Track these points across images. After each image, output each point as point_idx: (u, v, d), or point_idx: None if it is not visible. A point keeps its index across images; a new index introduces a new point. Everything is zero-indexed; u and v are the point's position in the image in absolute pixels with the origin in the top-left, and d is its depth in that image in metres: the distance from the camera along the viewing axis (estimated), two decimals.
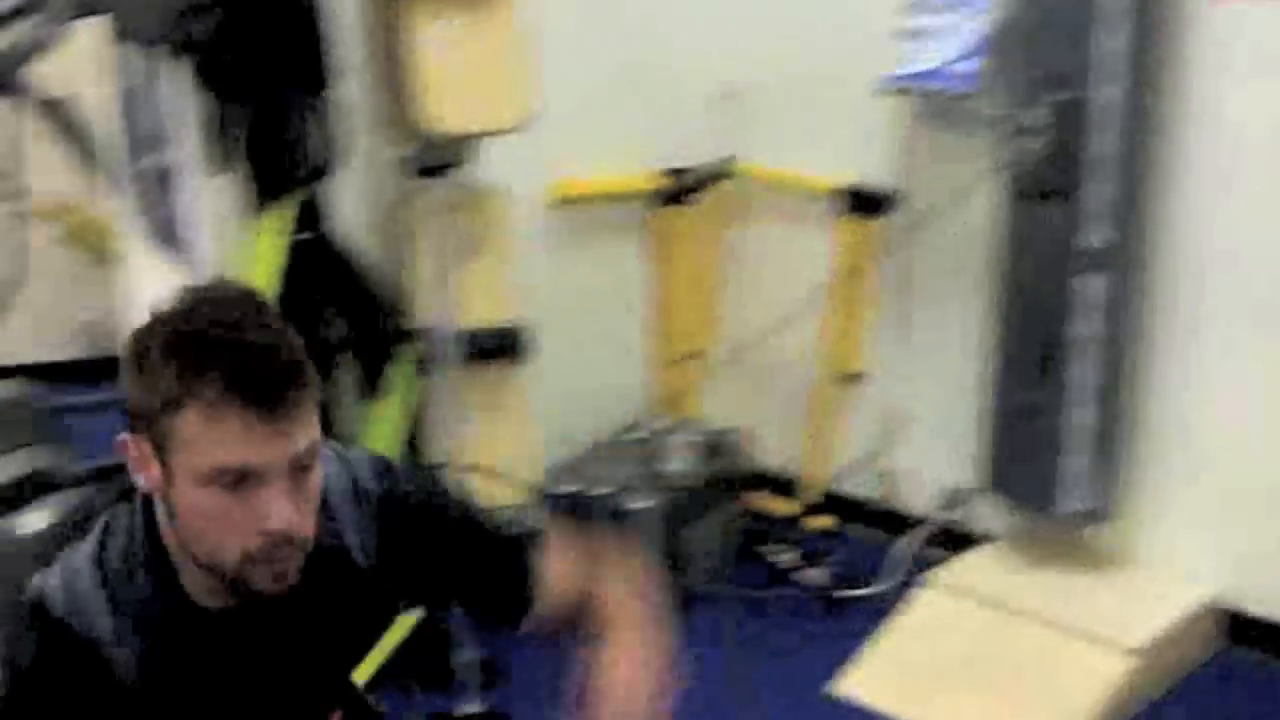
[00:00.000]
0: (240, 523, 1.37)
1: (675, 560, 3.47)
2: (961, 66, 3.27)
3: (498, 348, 3.31)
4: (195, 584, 1.46)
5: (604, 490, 3.46)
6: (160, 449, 1.38)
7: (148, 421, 1.38)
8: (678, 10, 3.86)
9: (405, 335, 3.15)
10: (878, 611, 3.34)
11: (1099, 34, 3.01)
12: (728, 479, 3.74)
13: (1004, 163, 3.26)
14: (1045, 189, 3.15)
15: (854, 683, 3.11)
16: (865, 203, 3.69)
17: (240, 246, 2.94)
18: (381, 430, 3.10)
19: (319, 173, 3.01)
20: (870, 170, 3.66)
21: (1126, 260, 3.13)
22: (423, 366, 3.13)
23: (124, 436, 1.43)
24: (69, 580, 1.43)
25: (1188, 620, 3.19)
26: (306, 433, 1.39)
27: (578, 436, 3.78)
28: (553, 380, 3.59)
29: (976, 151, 3.34)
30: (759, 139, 3.93)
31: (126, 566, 1.44)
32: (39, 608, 1.42)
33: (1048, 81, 3.10)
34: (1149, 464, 3.34)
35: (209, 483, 1.36)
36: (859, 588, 3.53)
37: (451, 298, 2.81)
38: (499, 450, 3.36)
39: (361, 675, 2.84)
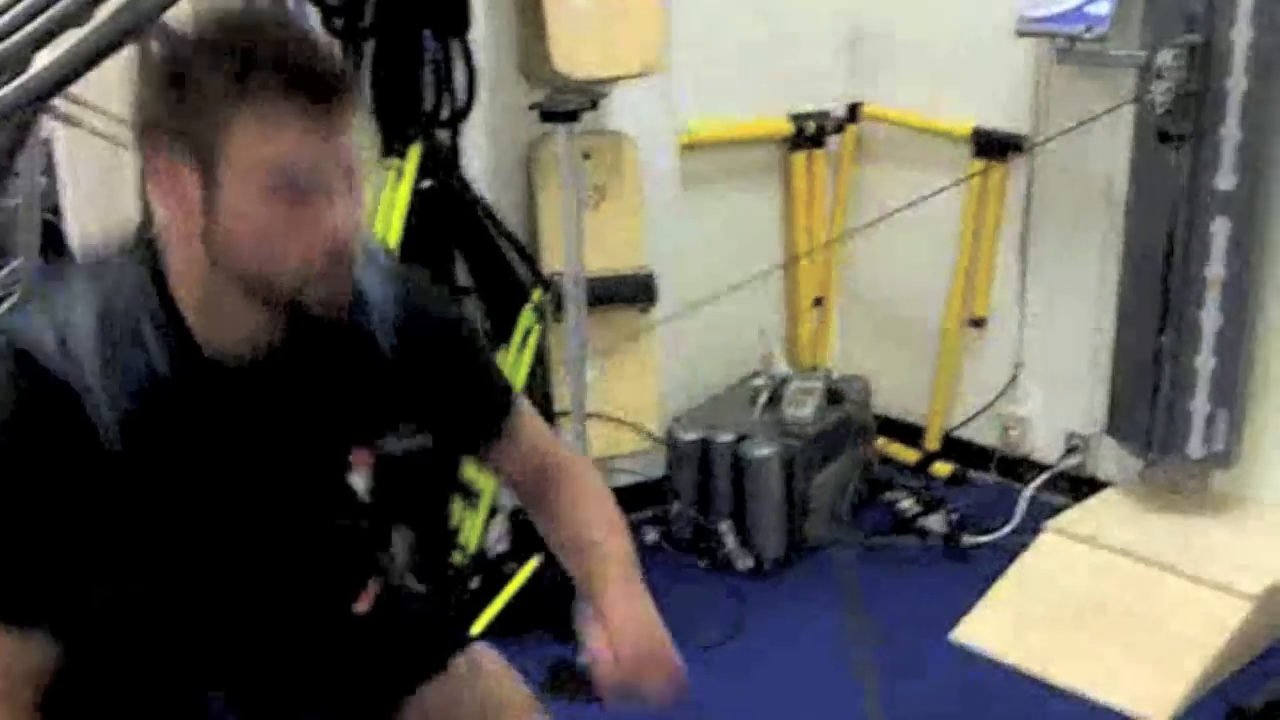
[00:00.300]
0: (300, 235, 1.32)
1: (799, 507, 3.51)
2: (1094, 8, 3.23)
3: (626, 294, 3.37)
4: (209, 336, 1.38)
5: (727, 437, 3.50)
6: (206, 166, 1.30)
7: (188, 141, 1.30)
8: None
9: (533, 281, 3.23)
10: (1000, 558, 3.34)
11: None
12: (852, 426, 3.75)
13: (1135, 105, 3.23)
14: (1175, 132, 3.11)
15: (976, 629, 3.12)
16: (995, 146, 3.69)
17: (369, 193, 3.03)
18: (509, 376, 3.18)
19: (450, 118, 3.09)
20: (1000, 113, 3.65)
21: (1253, 204, 3.09)
22: (550, 312, 3.21)
23: (150, 163, 1.34)
24: (63, 331, 1.32)
25: None
26: (357, 139, 1.36)
27: (705, 383, 3.83)
28: (681, 327, 3.65)
29: (1107, 94, 3.30)
30: (889, 83, 3.94)
31: (131, 323, 1.35)
32: (25, 355, 1.32)
33: (1179, 23, 3.06)
34: (1271, 409, 3.30)
35: (267, 194, 1.30)
36: (982, 534, 3.55)
37: (580, 244, 2.86)
38: (625, 397, 3.42)
39: (482, 621, 2.96)
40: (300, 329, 1.42)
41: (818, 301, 4.10)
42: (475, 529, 3.16)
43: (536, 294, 3.19)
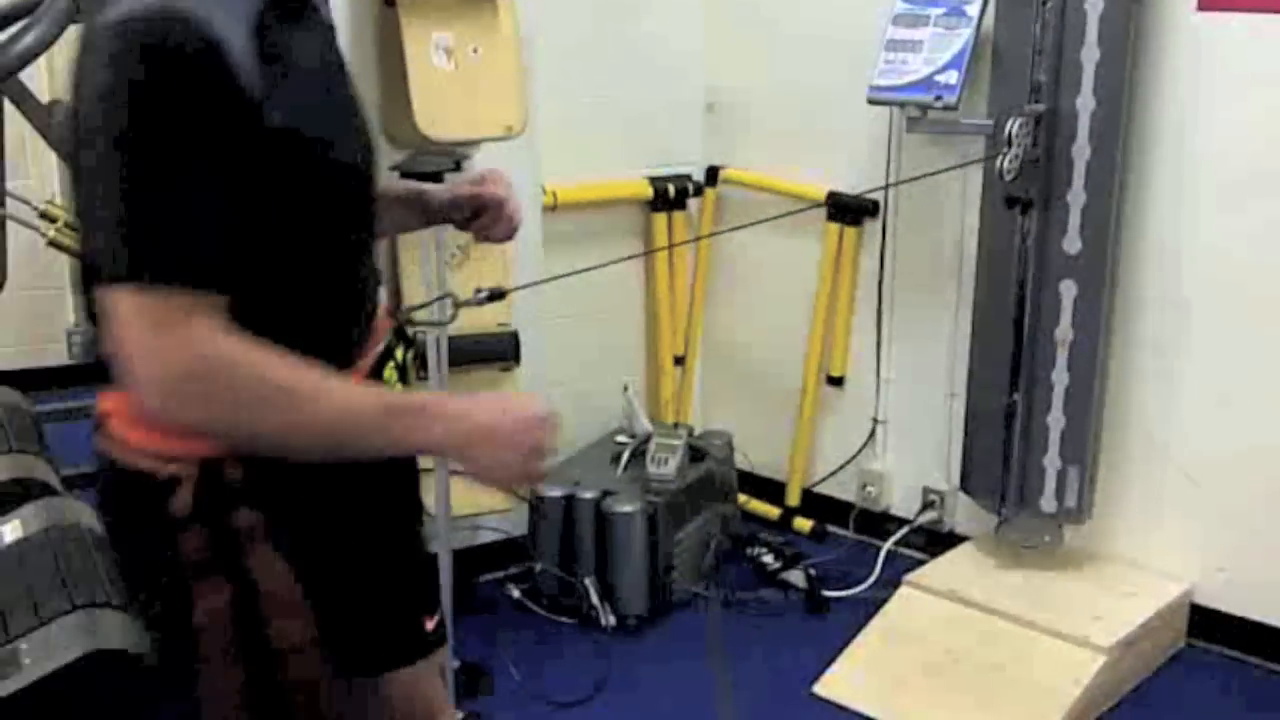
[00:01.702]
0: None
1: (662, 563, 3.52)
2: (944, 77, 3.33)
3: (489, 353, 3.36)
4: None
5: (591, 494, 3.50)
6: None
7: None
8: (668, 21, 3.93)
9: (395, 340, 3.20)
10: (860, 611, 3.40)
11: (1077, 45, 3.09)
12: (714, 482, 3.78)
13: (983, 171, 3.34)
14: (1022, 197, 3.22)
15: (837, 683, 3.16)
16: (849, 210, 3.77)
17: None
18: None
19: None
20: (854, 178, 3.73)
21: (1099, 266, 3.21)
22: (414, 370, 3.18)
23: None
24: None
25: (1158, 617, 3.26)
26: None
27: (568, 441, 3.82)
28: (543, 385, 3.66)
29: (957, 159, 3.41)
30: (747, 147, 4.02)
31: None
32: (150, 10, 1.37)
33: (1025, 93, 3.18)
34: (1121, 465, 3.41)
35: None
36: (842, 588, 3.61)
37: (443, 303, 2.85)
38: None
39: None
40: None
41: (679, 360, 4.14)
42: None
43: (399, 352, 3.16)
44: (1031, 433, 3.31)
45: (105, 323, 1.41)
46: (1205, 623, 3.36)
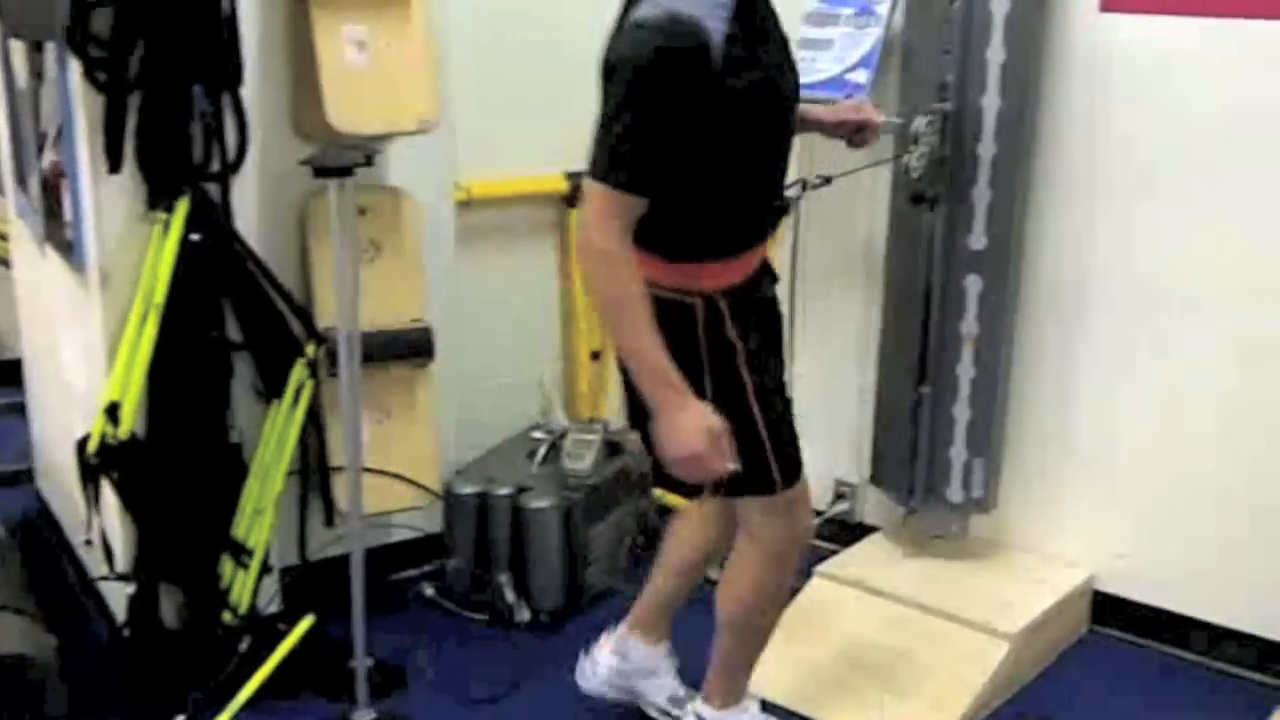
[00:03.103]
0: None
1: (578, 558, 3.53)
2: (854, 75, 3.38)
3: (402, 349, 3.35)
4: None
5: (506, 490, 3.50)
6: None
7: None
8: (584, 16, 3.92)
9: (307, 336, 3.19)
10: None
11: (983, 45, 3.15)
12: (630, 476, 3.79)
13: (893, 169, 3.38)
14: (929, 194, 3.27)
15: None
16: None
17: (133, 247, 2.97)
18: (280, 432, 3.14)
19: (221, 172, 3.05)
20: None
21: (1005, 262, 3.27)
22: (325, 368, 3.18)
23: None
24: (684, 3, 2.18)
25: (1062, 604, 3.33)
26: None
27: (483, 437, 3.83)
28: (459, 381, 3.66)
29: (868, 159, 3.45)
30: None
31: None
32: (664, 14, 2.17)
33: (933, 92, 3.23)
34: (1025, 455, 3.49)
35: None
36: None
37: (355, 299, 2.84)
38: (402, 452, 3.39)
39: (253, 683, 2.91)
40: None
41: (596, 354, 4.15)
42: (246, 588, 3.10)
43: (310, 349, 3.15)
44: (938, 425, 3.37)
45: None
46: (1107, 609, 3.45)
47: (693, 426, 2.26)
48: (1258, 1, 2.96)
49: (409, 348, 3.35)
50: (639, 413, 2.45)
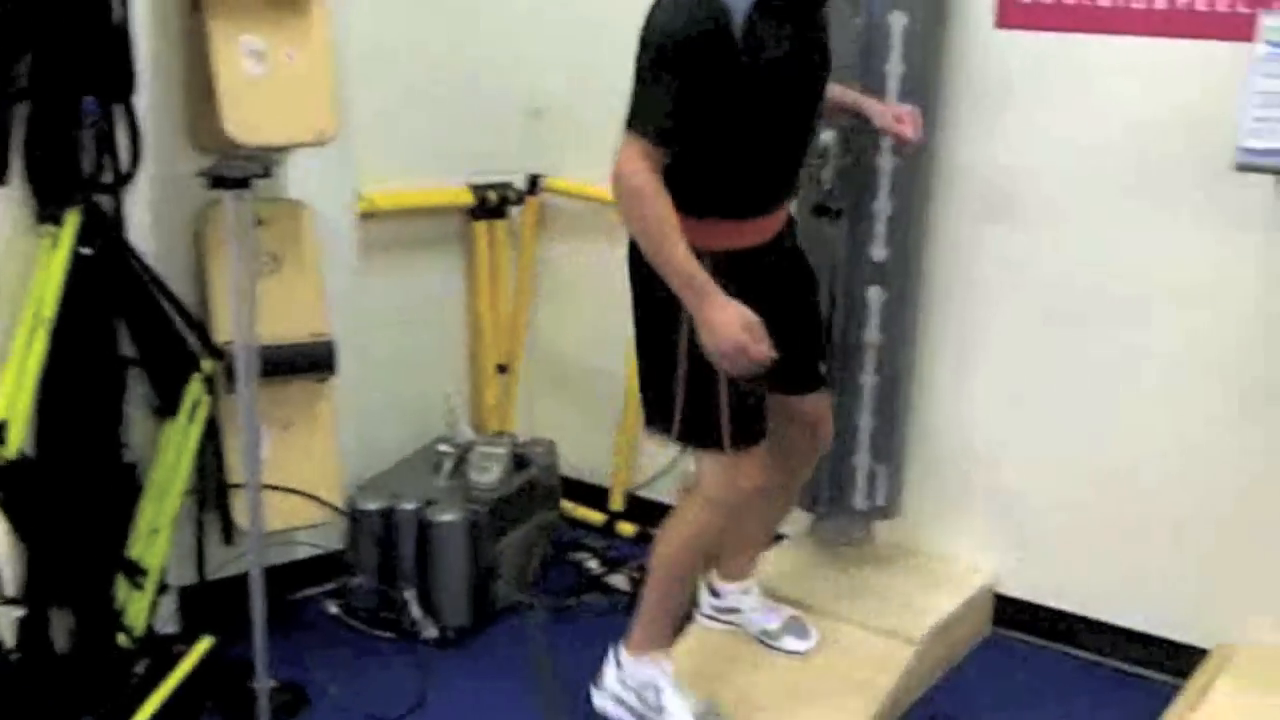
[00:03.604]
0: None
1: (485, 572, 3.50)
2: None
3: (303, 363, 3.30)
4: None
5: (411, 505, 3.47)
6: None
7: None
8: (489, 28, 3.92)
9: (203, 351, 3.14)
10: None
11: (883, 59, 3.17)
12: (537, 489, 3.79)
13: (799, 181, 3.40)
14: (833, 206, 3.29)
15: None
16: None
17: (21, 260, 2.89)
18: (176, 449, 3.08)
19: (113, 184, 2.99)
20: None
21: (905, 273, 3.30)
22: (223, 383, 3.12)
23: None
24: None
25: (965, 607, 3.38)
26: None
27: (388, 451, 3.80)
28: (362, 395, 3.62)
29: None
30: (568, 155, 4.02)
31: None
32: None
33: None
34: (928, 462, 3.54)
35: None
36: None
37: (252, 312, 2.80)
38: (303, 468, 3.35)
39: (150, 706, 2.85)
40: None
41: (503, 367, 4.14)
42: (142, 609, 3.04)
43: (207, 364, 3.10)
44: (844, 433, 3.39)
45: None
46: (1009, 611, 3.51)
47: (732, 321, 2.52)
48: (1147, 19, 3.03)
49: (309, 362, 3.30)
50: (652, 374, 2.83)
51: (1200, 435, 3.15)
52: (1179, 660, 3.23)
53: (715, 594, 3.31)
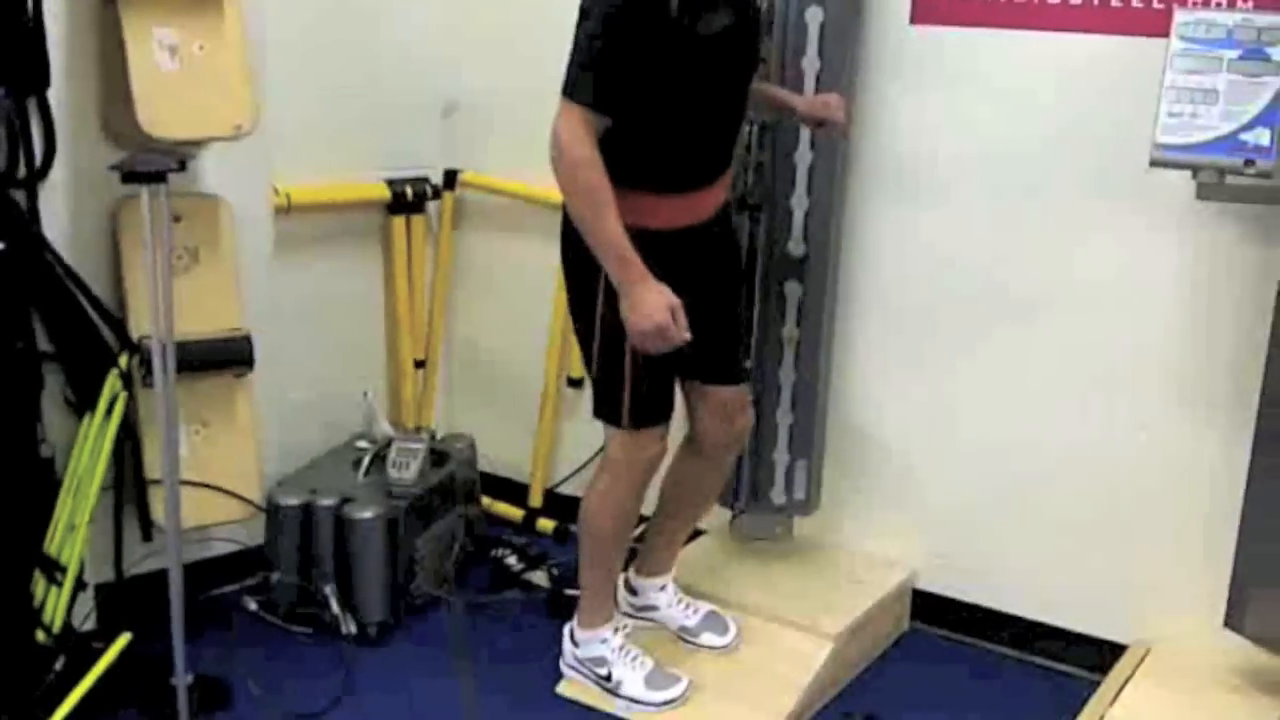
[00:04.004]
0: None
1: (404, 568, 3.49)
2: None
3: (220, 358, 3.28)
4: None
5: (330, 501, 3.45)
6: None
7: None
8: (406, 23, 3.91)
9: (120, 346, 3.11)
10: None
11: (800, 55, 3.21)
12: (456, 485, 3.78)
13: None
14: (753, 201, 3.33)
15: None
16: None
17: None
18: (93, 444, 3.04)
19: (26, 178, 2.95)
20: None
21: (823, 268, 3.34)
22: (140, 378, 3.09)
23: None
24: None
25: (883, 603, 3.41)
26: None
27: (307, 447, 3.77)
28: (281, 390, 3.59)
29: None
30: (485, 150, 4.02)
31: None
32: None
33: None
34: (846, 458, 3.58)
35: None
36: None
37: (169, 307, 2.77)
38: (222, 464, 3.32)
39: (68, 704, 2.81)
40: None
41: (421, 363, 4.13)
42: (60, 606, 2.99)
43: (123, 359, 3.06)
44: (762, 429, 3.42)
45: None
46: (927, 607, 3.55)
47: (655, 303, 2.62)
48: (1063, 15, 3.08)
49: (227, 357, 3.28)
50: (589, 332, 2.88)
51: (1117, 433, 3.21)
52: (1097, 656, 3.29)
53: (633, 591, 3.33)
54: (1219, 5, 2.87)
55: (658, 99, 2.66)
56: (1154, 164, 2.73)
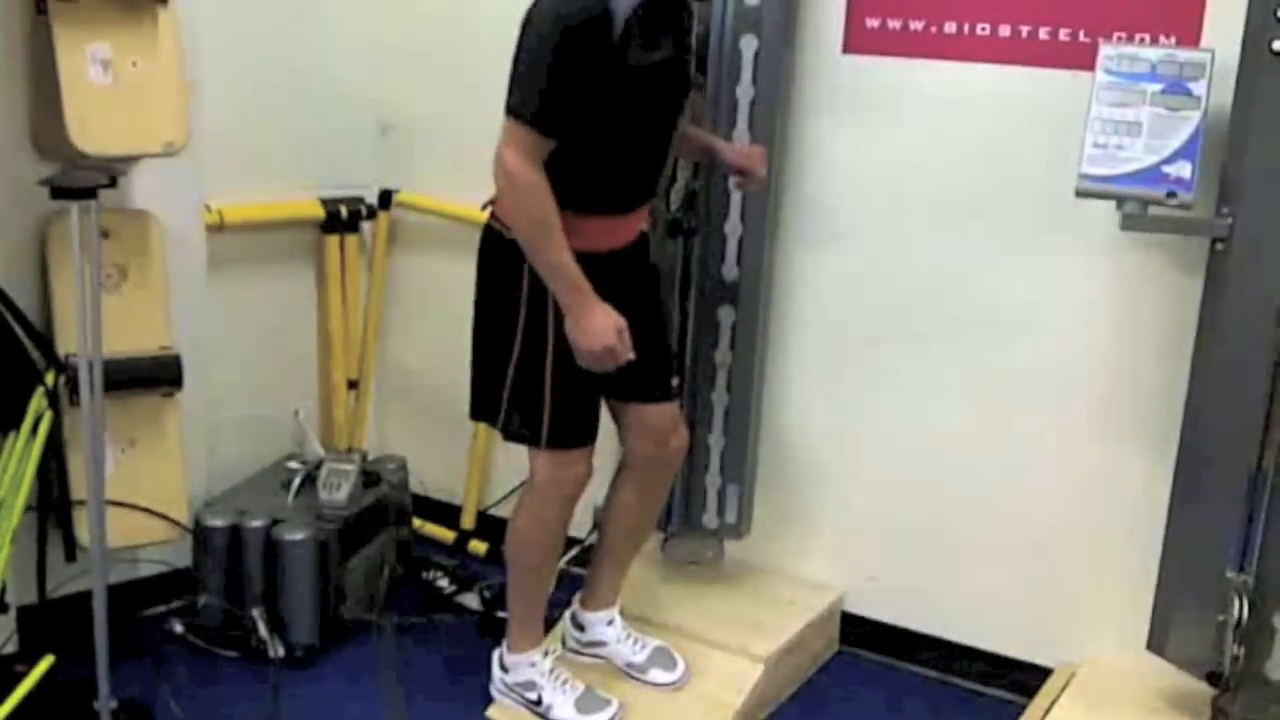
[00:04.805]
0: None
1: (333, 590, 3.47)
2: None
3: (149, 377, 3.24)
4: None
5: (259, 522, 3.42)
6: None
7: None
8: (340, 42, 3.90)
9: (46, 364, 3.06)
10: None
11: (734, 83, 3.24)
12: (388, 507, 3.76)
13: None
14: (685, 226, 3.35)
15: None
16: None
17: None
18: (17, 464, 2.99)
19: None
20: None
21: (756, 293, 3.36)
22: (67, 396, 3.05)
23: None
24: None
25: (812, 625, 3.44)
26: None
27: (236, 468, 3.74)
28: (210, 410, 3.56)
29: None
30: (420, 170, 4.01)
31: None
32: None
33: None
34: (778, 482, 3.59)
35: None
36: None
37: (97, 325, 2.74)
38: (149, 484, 3.28)
39: None
40: None
41: (353, 383, 4.10)
42: None
43: (49, 377, 3.02)
44: (694, 452, 3.44)
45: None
46: (856, 630, 3.58)
47: (603, 325, 2.70)
48: (992, 48, 3.14)
49: (155, 376, 3.24)
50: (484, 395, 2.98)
51: (1043, 457, 3.25)
52: (1023, 678, 3.31)
53: (579, 627, 3.30)
54: (1143, 40, 2.94)
55: (593, 123, 2.68)
56: (1080, 194, 2.78)
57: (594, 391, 2.92)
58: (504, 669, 3.15)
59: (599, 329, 2.70)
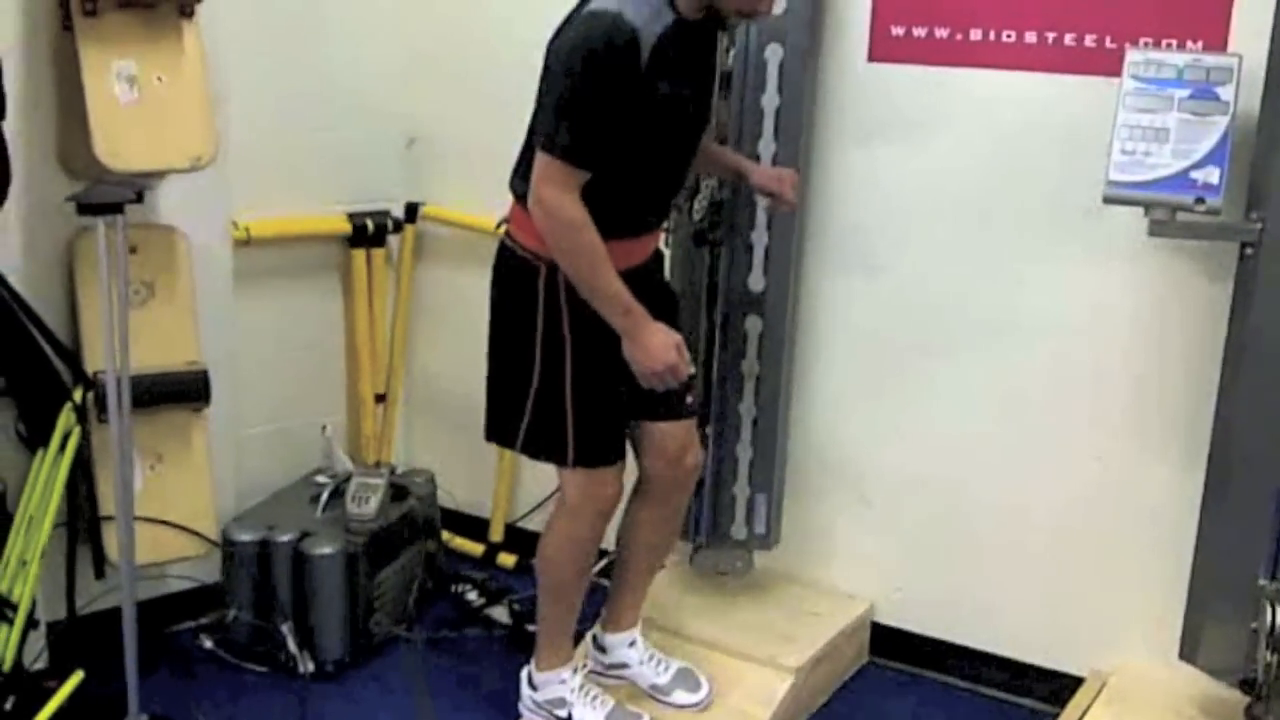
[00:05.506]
0: None
1: (363, 605, 3.47)
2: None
3: (177, 392, 3.26)
4: (683, 9, 2.65)
5: (288, 537, 3.42)
6: None
7: None
8: (366, 56, 3.91)
9: (74, 380, 3.08)
10: None
11: (759, 92, 3.23)
12: (416, 521, 3.75)
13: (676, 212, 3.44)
14: (711, 237, 3.34)
15: None
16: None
17: None
18: (46, 480, 3.01)
19: None
20: None
21: (783, 304, 3.35)
22: (95, 413, 3.06)
23: None
24: (626, 8, 2.55)
25: (842, 636, 3.42)
26: None
27: (265, 482, 3.74)
28: (239, 425, 3.57)
29: None
30: (446, 183, 4.02)
31: (655, 5, 2.60)
32: (619, 16, 2.54)
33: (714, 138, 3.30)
34: (806, 492, 3.58)
35: None
36: None
37: (124, 341, 2.75)
38: (177, 499, 3.30)
39: None
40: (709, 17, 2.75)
41: (381, 397, 4.11)
42: (10, 644, 2.95)
43: (77, 393, 3.04)
44: (723, 463, 3.43)
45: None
46: (885, 640, 3.56)
47: (662, 343, 2.73)
48: (1018, 54, 3.12)
49: (183, 391, 3.26)
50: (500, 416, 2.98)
51: (1073, 465, 3.23)
52: (1055, 687, 3.30)
53: (602, 649, 3.26)
54: (1169, 46, 2.91)
55: (616, 149, 2.66)
56: (1107, 201, 2.76)
57: (616, 408, 2.91)
58: (533, 687, 3.13)
59: (658, 347, 2.72)
